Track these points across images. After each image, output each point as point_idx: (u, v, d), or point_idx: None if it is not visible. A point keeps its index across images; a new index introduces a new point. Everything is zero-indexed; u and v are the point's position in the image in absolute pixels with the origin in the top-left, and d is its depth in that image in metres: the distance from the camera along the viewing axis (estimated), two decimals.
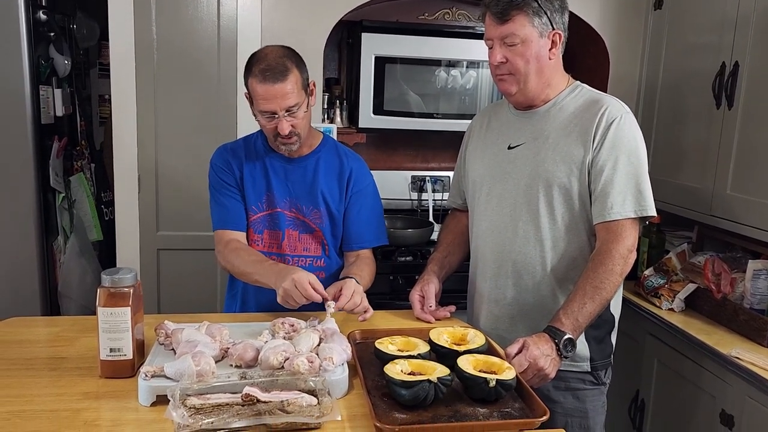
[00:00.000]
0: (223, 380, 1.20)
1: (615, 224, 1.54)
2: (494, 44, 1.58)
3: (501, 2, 1.54)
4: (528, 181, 1.62)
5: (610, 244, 1.53)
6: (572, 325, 1.48)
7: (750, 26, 1.99)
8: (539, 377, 1.43)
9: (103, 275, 1.30)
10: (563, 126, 1.61)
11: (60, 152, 2.46)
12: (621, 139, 1.55)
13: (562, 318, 1.49)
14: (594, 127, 1.56)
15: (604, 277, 1.51)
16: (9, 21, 2.16)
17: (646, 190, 1.56)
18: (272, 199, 1.80)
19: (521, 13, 1.53)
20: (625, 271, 1.54)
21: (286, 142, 1.71)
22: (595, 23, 2.57)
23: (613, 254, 1.52)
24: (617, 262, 1.52)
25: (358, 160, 1.88)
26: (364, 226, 1.85)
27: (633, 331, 2.27)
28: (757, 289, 1.96)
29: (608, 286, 1.51)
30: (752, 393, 1.73)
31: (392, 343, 1.39)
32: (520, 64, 1.57)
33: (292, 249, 1.82)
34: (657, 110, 2.50)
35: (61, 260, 2.47)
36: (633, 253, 1.55)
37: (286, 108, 1.65)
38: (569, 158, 1.58)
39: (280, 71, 1.63)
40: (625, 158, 1.55)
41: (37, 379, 1.29)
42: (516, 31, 1.54)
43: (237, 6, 2.29)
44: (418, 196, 3.00)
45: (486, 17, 1.59)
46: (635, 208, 1.54)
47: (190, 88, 2.31)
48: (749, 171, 1.99)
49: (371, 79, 2.62)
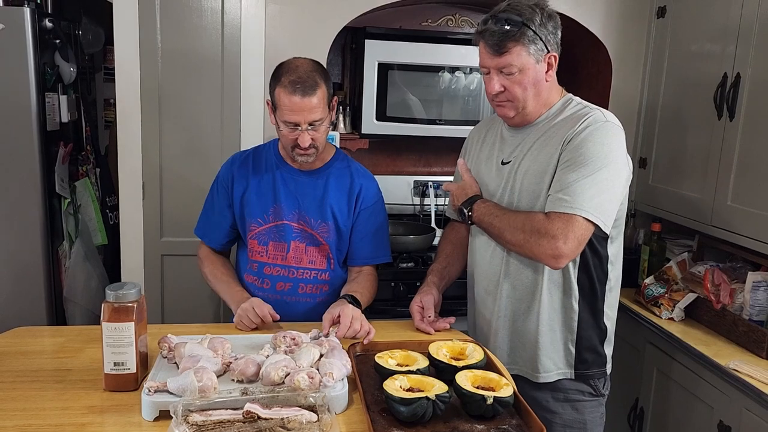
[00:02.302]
0: (224, 396, 1.22)
1: (553, 216, 1.50)
2: (491, 73, 1.58)
3: (496, 34, 1.52)
4: (518, 196, 1.63)
5: (547, 222, 1.49)
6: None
7: (752, 37, 2.00)
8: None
9: (108, 290, 1.32)
10: (546, 138, 1.60)
11: (65, 158, 2.48)
12: (591, 143, 1.50)
13: None
14: (570, 135, 1.54)
15: (518, 218, 1.56)
16: (16, 30, 2.18)
17: (597, 196, 1.48)
18: (279, 211, 1.82)
19: (518, 44, 1.52)
20: (527, 247, 1.53)
21: (303, 153, 1.73)
22: (597, 31, 2.57)
23: (543, 239, 1.49)
24: (538, 226, 1.50)
25: (368, 177, 1.90)
26: (369, 243, 1.87)
27: (633, 340, 2.28)
28: (756, 300, 1.97)
29: (509, 226, 1.57)
30: (750, 405, 1.74)
31: (392, 357, 1.41)
32: (518, 92, 1.57)
33: (297, 261, 1.83)
34: (659, 119, 2.50)
35: (67, 265, 2.50)
36: (563, 257, 1.50)
37: (311, 121, 1.68)
38: (548, 169, 1.57)
39: (310, 85, 1.65)
40: (589, 161, 1.49)
41: (43, 392, 1.31)
42: (513, 62, 1.54)
43: (241, 14, 2.30)
44: (421, 201, 3.01)
45: (480, 46, 1.58)
46: (572, 205, 1.47)
47: (194, 96, 2.33)
48: (750, 183, 2.00)
49: (374, 86, 2.63)
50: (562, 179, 1.52)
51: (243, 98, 2.35)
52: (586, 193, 1.48)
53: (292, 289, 1.84)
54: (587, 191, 1.48)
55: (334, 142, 2.53)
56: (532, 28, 1.52)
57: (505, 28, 1.51)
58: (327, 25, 2.41)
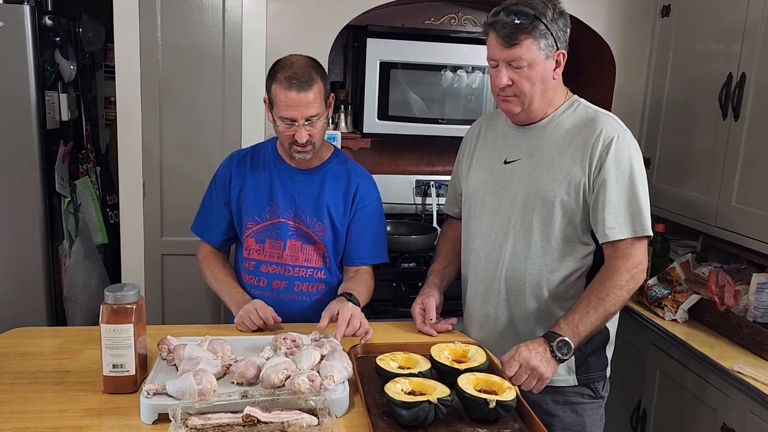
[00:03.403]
0: (224, 399, 1.20)
1: (620, 244, 1.55)
2: (500, 66, 1.56)
3: (508, 26, 1.51)
4: (523, 198, 1.62)
5: (617, 260, 1.54)
6: (571, 331, 1.48)
7: (758, 37, 1.98)
8: (535, 377, 1.43)
9: (106, 292, 1.30)
10: (559, 144, 1.61)
11: (66, 156, 2.47)
12: (619, 159, 1.55)
13: (561, 323, 1.50)
14: (591, 147, 1.56)
15: (610, 290, 1.52)
16: (15, 28, 2.16)
17: (645, 209, 1.56)
18: (276, 209, 1.81)
19: (529, 37, 1.51)
20: (632, 288, 1.54)
21: (300, 150, 1.73)
22: (601, 30, 2.55)
23: (620, 269, 1.53)
24: (623, 276, 1.52)
25: (365, 176, 1.89)
26: (365, 243, 1.87)
27: (636, 341, 2.27)
28: (761, 302, 1.95)
29: (613, 299, 1.52)
30: (754, 408, 1.72)
31: (393, 359, 1.40)
32: (526, 86, 1.56)
33: (293, 259, 1.83)
34: (663, 119, 2.48)
35: (67, 264, 2.48)
36: (641, 270, 1.55)
37: (307, 117, 1.67)
38: (565, 177, 1.58)
39: (305, 80, 1.65)
40: (623, 178, 1.55)
41: (41, 394, 1.30)
42: (523, 55, 1.52)
43: (242, 12, 2.29)
44: (423, 201, 3.00)
45: (490, 37, 1.56)
46: (635, 228, 1.54)
47: (195, 94, 2.31)
48: (755, 183, 1.98)
49: (376, 84, 2.62)
50: (604, 207, 1.55)
51: (244, 96, 2.33)
52: (627, 212, 1.55)
53: (288, 288, 1.83)
54: (628, 211, 1.55)
55: (335, 142, 2.52)
56: (544, 22, 1.51)
57: (517, 20, 1.50)
58: (329, 23, 2.39)
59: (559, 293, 1.63)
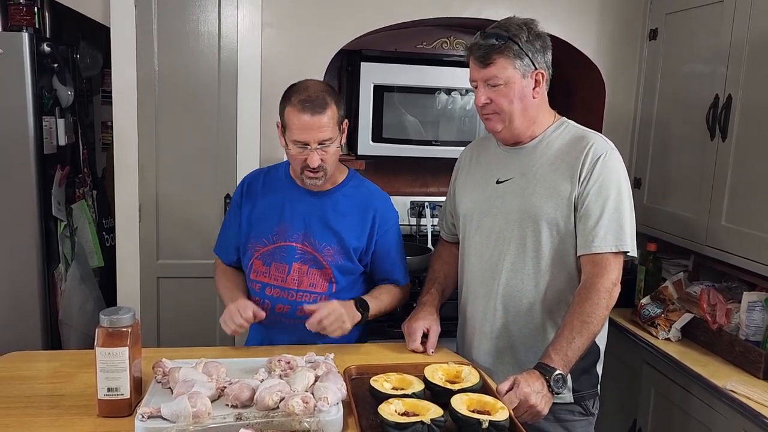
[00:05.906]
0: (218, 421, 1.21)
1: (598, 257, 1.57)
2: (479, 85, 1.64)
3: (482, 47, 1.60)
4: (516, 216, 1.65)
5: (595, 277, 1.56)
6: (562, 361, 1.50)
7: (743, 59, 2.02)
8: (531, 414, 1.44)
9: (102, 315, 1.31)
10: (550, 162, 1.65)
11: (62, 181, 2.49)
12: (606, 175, 1.59)
13: (551, 354, 1.51)
14: (581, 164, 1.60)
15: (590, 311, 1.54)
16: (14, 55, 2.19)
17: (628, 226, 1.60)
18: (284, 231, 1.81)
19: (502, 57, 1.58)
20: (611, 305, 1.57)
21: (312, 176, 1.73)
22: (590, 53, 2.60)
23: (598, 288, 1.55)
24: (602, 295, 1.55)
25: (382, 198, 1.90)
26: (393, 265, 1.89)
27: (630, 360, 2.27)
28: (752, 320, 1.97)
29: (595, 320, 1.54)
30: (747, 426, 1.73)
31: (387, 380, 1.41)
32: (504, 104, 1.62)
33: (297, 284, 1.80)
34: (652, 140, 2.52)
35: (62, 288, 2.49)
36: (617, 286, 1.59)
37: (320, 141, 1.68)
38: (556, 194, 1.62)
39: (319, 104, 1.67)
40: (611, 194, 1.59)
41: (36, 418, 1.31)
42: (498, 74, 1.59)
43: (237, 38, 2.32)
44: (417, 222, 3.02)
45: (470, 60, 1.65)
46: (616, 242, 1.58)
47: (191, 119, 2.34)
48: (744, 203, 2.01)
49: (370, 107, 2.65)
50: (590, 221, 1.58)
51: (239, 122, 2.36)
52: (612, 227, 1.58)
53: (291, 312, 1.81)
54: (612, 226, 1.58)
55: None
56: (518, 42, 1.58)
57: (491, 41, 1.59)
58: (323, 48, 2.44)
59: (556, 309, 1.65)
